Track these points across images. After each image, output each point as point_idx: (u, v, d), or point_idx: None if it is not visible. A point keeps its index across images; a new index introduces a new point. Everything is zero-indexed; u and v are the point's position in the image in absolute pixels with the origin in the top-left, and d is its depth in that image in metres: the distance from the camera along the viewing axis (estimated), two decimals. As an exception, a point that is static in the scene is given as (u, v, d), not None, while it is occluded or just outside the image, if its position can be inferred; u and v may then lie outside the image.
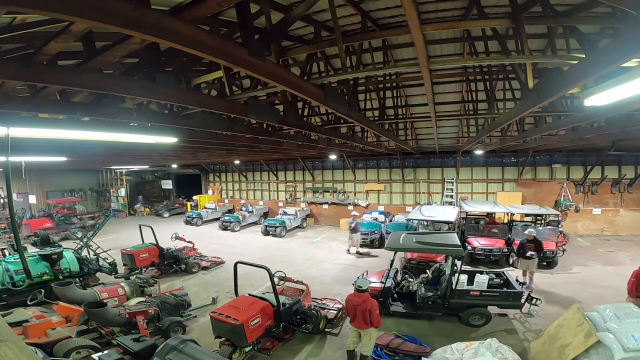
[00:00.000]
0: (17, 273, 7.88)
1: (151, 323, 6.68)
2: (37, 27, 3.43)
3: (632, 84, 2.96)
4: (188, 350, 4.21)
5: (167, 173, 28.43)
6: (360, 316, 5.66)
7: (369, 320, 5.62)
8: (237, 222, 19.06)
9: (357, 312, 5.68)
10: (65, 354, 5.26)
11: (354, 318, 5.76)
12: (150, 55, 4.05)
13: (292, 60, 7.12)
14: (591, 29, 5.33)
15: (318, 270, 11.44)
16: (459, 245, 7.24)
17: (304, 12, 3.85)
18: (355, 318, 5.74)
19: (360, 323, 5.70)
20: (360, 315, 5.65)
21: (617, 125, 7.24)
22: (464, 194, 17.63)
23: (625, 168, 15.03)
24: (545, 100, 4.41)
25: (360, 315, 5.66)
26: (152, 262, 10.73)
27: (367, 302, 5.67)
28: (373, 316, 5.60)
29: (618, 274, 10.25)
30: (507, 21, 4.46)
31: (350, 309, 5.81)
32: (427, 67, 4.30)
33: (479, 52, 7.09)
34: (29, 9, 1.97)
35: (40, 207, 22.78)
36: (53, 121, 5.18)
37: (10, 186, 4.34)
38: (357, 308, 5.68)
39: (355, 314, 5.71)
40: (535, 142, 10.96)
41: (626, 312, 4.97)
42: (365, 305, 5.63)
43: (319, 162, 20.71)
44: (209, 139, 8.10)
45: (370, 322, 5.63)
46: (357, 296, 5.79)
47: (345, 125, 9.63)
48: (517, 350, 5.59)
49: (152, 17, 2.24)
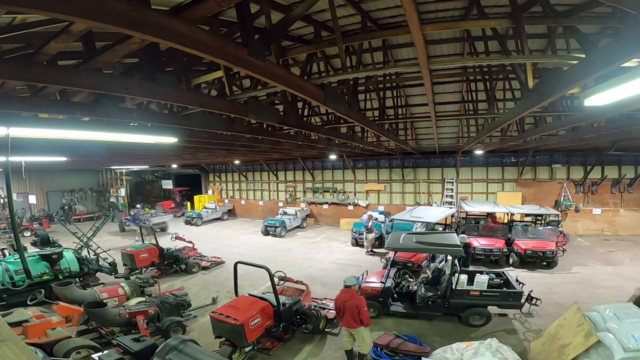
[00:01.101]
0: (17, 273, 7.89)
1: (151, 323, 6.68)
2: (37, 27, 3.43)
3: (632, 84, 2.96)
4: (188, 350, 4.21)
5: (167, 173, 28.42)
6: (349, 314, 5.55)
7: (358, 318, 5.51)
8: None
9: (345, 309, 5.57)
10: (65, 354, 5.26)
11: (343, 316, 5.67)
12: (150, 55, 4.04)
13: (292, 60, 7.12)
14: (591, 29, 5.33)
15: (318, 270, 11.44)
16: (459, 245, 7.24)
17: (304, 12, 3.86)
18: (344, 316, 5.64)
19: (350, 321, 5.58)
20: (349, 312, 5.54)
21: (617, 125, 7.23)
22: (464, 194, 17.61)
23: (625, 168, 15.02)
24: (545, 100, 4.41)
25: (348, 313, 5.55)
26: (152, 262, 10.74)
27: (354, 298, 5.57)
28: (362, 313, 5.49)
29: (618, 274, 10.27)
30: (507, 21, 4.46)
31: (339, 307, 5.73)
32: (427, 67, 4.31)
33: (479, 52, 7.09)
34: (29, 9, 1.97)
35: (41, 207, 22.82)
36: (53, 121, 5.18)
37: (10, 186, 4.34)
38: (344, 305, 5.59)
39: (344, 311, 5.60)
40: (535, 142, 10.96)
41: (626, 312, 4.98)
42: (352, 301, 5.53)
43: (319, 162, 20.70)
44: (209, 139, 8.09)
45: (360, 321, 5.53)
46: (345, 292, 5.71)
47: (345, 125, 9.63)
48: (517, 350, 5.59)
49: (152, 17, 2.24)
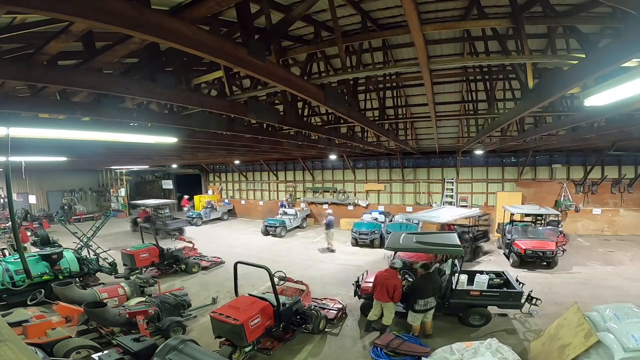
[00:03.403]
0: (17, 273, 7.88)
1: (151, 323, 6.68)
2: (37, 27, 3.43)
3: (632, 84, 2.97)
4: (188, 350, 4.21)
5: (167, 173, 28.39)
6: (384, 290, 6.52)
7: (392, 294, 6.51)
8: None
9: (384, 285, 6.54)
10: (65, 354, 5.26)
11: (379, 290, 6.59)
12: (150, 55, 4.05)
13: (292, 60, 7.12)
14: (591, 29, 5.32)
15: (318, 270, 11.44)
16: (459, 245, 7.24)
17: (304, 12, 3.85)
18: (379, 290, 6.58)
19: (384, 296, 6.54)
20: (385, 288, 6.52)
21: (617, 125, 7.23)
22: (464, 194, 17.63)
23: (625, 168, 15.02)
24: (545, 100, 4.42)
25: (384, 289, 6.52)
26: (152, 262, 10.72)
27: (394, 279, 6.65)
28: (397, 292, 6.53)
29: (618, 274, 10.28)
30: (507, 21, 4.46)
31: (378, 282, 6.67)
32: (427, 67, 4.31)
33: (479, 52, 7.08)
34: (29, 9, 1.97)
35: (41, 207, 22.82)
36: (53, 121, 5.18)
37: (10, 186, 4.33)
38: (385, 282, 6.57)
39: (381, 287, 6.56)
40: (535, 142, 10.96)
41: (626, 312, 4.98)
42: (391, 281, 6.58)
43: (319, 162, 20.70)
44: (209, 139, 8.09)
45: (392, 297, 6.51)
46: (388, 271, 6.78)
47: (345, 125, 9.63)
48: (517, 350, 5.59)
49: (152, 17, 2.24)
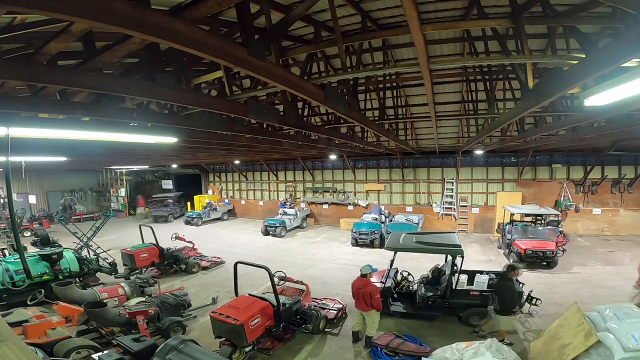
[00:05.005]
0: (17, 273, 7.89)
1: (151, 323, 6.68)
2: (37, 27, 3.43)
3: (632, 84, 2.96)
4: (188, 350, 4.22)
5: (167, 173, 28.38)
6: (362, 299, 6.31)
7: (370, 302, 6.24)
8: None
9: (359, 294, 6.34)
10: (65, 354, 5.26)
11: (357, 300, 6.43)
12: (150, 55, 4.04)
13: (292, 60, 7.11)
14: (591, 29, 5.32)
15: (318, 270, 11.44)
16: (459, 245, 7.24)
17: (304, 12, 3.85)
18: (358, 300, 6.41)
19: (362, 305, 6.35)
20: (362, 297, 6.31)
21: (617, 125, 7.22)
22: (464, 194, 17.63)
23: (625, 168, 15.02)
24: (545, 100, 4.40)
25: (361, 298, 6.32)
26: (152, 262, 10.73)
27: (369, 286, 6.36)
28: (373, 299, 6.23)
29: (618, 274, 10.27)
30: (507, 21, 4.46)
31: (354, 292, 6.48)
32: (427, 67, 4.30)
33: (479, 52, 7.08)
34: (28, 9, 1.97)
35: (41, 207, 22.82)
36: (53, 121, 5.17)
37: (10, 186, 4.33)
38: (359, 291, 6.35)
39: (358, 296, 6.38)
40: (535, 142, 10.95)
41: (626, 312, 4.98)
42: (366, 288, 6.31)
43: (319, 162, 20.70)
44: (209, 139, 8.09)
45: (370, 305, 6.25)
46: (360, 280, 6.50)
47: (345, 125, 9.62)
48: (517, 350, 5.59)
49: (152, 17, 2.23)
